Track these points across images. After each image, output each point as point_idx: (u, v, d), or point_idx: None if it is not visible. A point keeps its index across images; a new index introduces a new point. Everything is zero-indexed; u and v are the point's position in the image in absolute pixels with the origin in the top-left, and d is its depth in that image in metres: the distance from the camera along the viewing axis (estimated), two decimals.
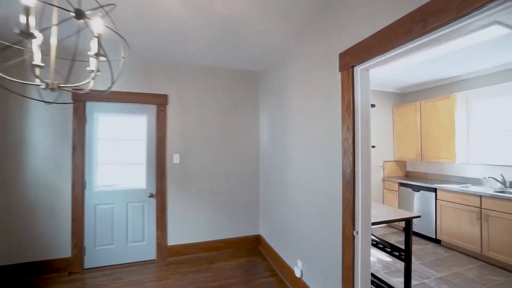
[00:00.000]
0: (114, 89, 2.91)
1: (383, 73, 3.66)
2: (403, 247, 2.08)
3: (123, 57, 1.24)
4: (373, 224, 1.82)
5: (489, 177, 3.41)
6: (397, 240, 3.73)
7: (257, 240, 3.50)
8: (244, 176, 3.50)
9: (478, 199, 3.08)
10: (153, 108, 3.11)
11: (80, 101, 2.77)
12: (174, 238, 3.13)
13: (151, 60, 3.07)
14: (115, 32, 1.13)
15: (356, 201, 1.62)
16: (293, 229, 2.48)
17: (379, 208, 2.28)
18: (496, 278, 2.72)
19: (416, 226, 3.82)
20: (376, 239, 2.23)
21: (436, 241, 3.61)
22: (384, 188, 4.44)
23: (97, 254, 2.82)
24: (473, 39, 2.44)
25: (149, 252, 3.03)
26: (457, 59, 3.10)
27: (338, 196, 1.76)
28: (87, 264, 2.78)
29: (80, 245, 2.73)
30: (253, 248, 3.44)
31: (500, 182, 3.30)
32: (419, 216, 2.02)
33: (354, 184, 1.61)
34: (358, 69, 1.63)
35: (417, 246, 3.52)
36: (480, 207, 3.06)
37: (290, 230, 2.53)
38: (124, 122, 3.03)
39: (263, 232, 3.40)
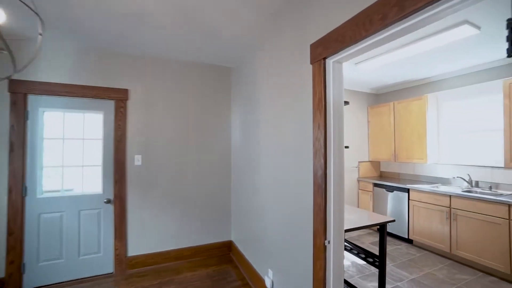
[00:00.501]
0: (63, 81, 2.57)
1: (358, 73, 3.61)
2: (377, 248, 1.97)
3: (40, 34, 0.98)
4: (347, 231, 1.69)
5: (457, 177, 3.47)
6: (372, 241, 3.71)
7: (228, 247, 3.29)
8: (215, 179, 3.27)
9: (448, 198, 3.11)
10: (111, 104, 2.78)
11: (19, 93, 2.38)
12: (136, 247, 2.83)
13: (108, 50, 2.74)
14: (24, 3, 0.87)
15: (328, 207, 1.46)
16: (264, 236, 2.30)
17: (353, 212, 2.17)
18: (463, 277, 2.74)
19: (390, 227, 3.82)
20: (350, 245, 2.11)
21: (409, 241, 3.63)
22: (359, 189, 4.42)
23: (41, 271, 2.45)
24: (444, 39, 2.41)
25: (106, 265, 2.70)
26: (428, 61, 3.10)
27: (309, 202, 1.60)
28: (27, 284, 2.39)
29: (18, 262, 2.34)
30: (224, 255, 3.22)
31: (467, 182, 3.37)
32: (393, 221, 1.92)
33: (326, 189, 1.46)
34: (330, 62, 1.47)
35: (390, 247, 3.51)
36: (450, 207, 3.10)
37: (261, 237, 2.35)
38: (77, 119, 2.67)
39: (235, 238, 3.19)
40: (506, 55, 2.81)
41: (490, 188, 3.17)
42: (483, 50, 2.77)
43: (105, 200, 2.69)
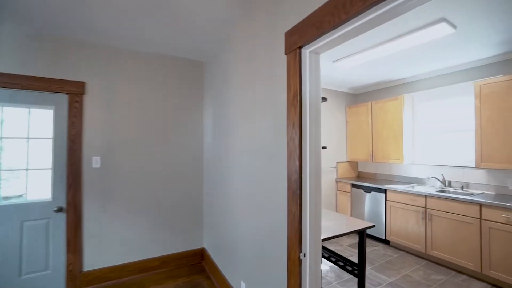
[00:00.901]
0: (6, 70, 2.19)
1: (336, 71, 3.53)
2: (356, 250, 1.85)
3: None
4: (324, 240, 1.54)
5: (432, 177, 3.51)
6: (350, 243, 3.65)
7: (200, 255, 3.05)
8: (186, 181, 3.01)
9: (424, 199, 3.11)
10: (63, 99, 2.44)
11: None
12: (93, 261, 2.51)
13: (62, 38, 2.39)
14: None
15: (303, 216, 1.30)
16: (236, 245, 2.10)
17: (331, 217, 2.04)
18: (438, 278, 2.73)
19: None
20: (327, 252, 1.98)
21: (386, 242, 3.61)
22: (337, 190, 4.37)
23: None
24: (421, 38, 2.37)
25: (56, 283, 2.36)
26: (405, 61, 3.08)
27: (283, 210, 1.43)
28: None
29: None
30: (196, 264, 2.98)
31: (440, 182, 3.41)
32: (373, 226, 1.81)
33: (301, 195, 1.29)
34: (306, 52, 1.31)
35: (368, 248, 3.46)
36: (425, 207, 3.10)
37: (234, 246, 2.15)
38: (20, 115, 2.30)
39: (207, 245, 2.96)
40: (478, 57, 2.88)
41: (462, 187, 3.22)
42: (457, 51, 2.79)
43: (56, 208, 2.35)
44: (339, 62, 3.03)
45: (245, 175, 1.92)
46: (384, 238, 3.56)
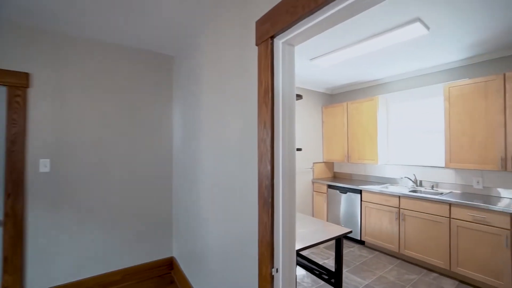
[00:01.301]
0: None
1: (313, 70, 3.46)
2: (332, 253, 1.75)
3: None
4: (299, 251, 1.41)
5: (404, 177, 3.57)
6: (326, 245, 3.60)
7: (169, 265, 2.81)
8: (153, 185, 2.76)
9: (397, 199, 3.14)
10: (1, 92, 2.09)
11: None
12: (40, 281, 2.18)
13: (3, 21, 2.04)
14: None
15: (275, 227, 1.16)
16: (206, 256, 1.92)
17: (306, 222, 1.93)
18: (411, 277, 2.75)
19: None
20: (303, 261, 1.86)
21: (361, 242, 3.62)
22: (313, 191, 4.33)
23: None
24: (395, 37, 2.35)
25: None
26: (380, 62, 3.09)
27: (253, 220, 1.28)
28: None
29: None
30: (164, 276, 2.73)
31: (412, 181, 3.48)
32: (350, 232, 1.73)
33: (273, 204, 1.15)
34: (279, 42, 1.17)
35: (344, 250, 3.44)
36: (399, 207, 3.13)
37: (203, 257, 1.97)
38: None
39: (177, 254, 2.73)
40: (448, 60, 2.97)
41: (432, 187, 3.30)
42: (430, 53, 2.83)
43: None
44: (316, 60, 2.95)
45: (214, 181, 1.74)
46: (359, 238, 3.56)
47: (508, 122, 2.54)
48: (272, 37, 1.16)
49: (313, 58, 2.95)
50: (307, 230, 1.72)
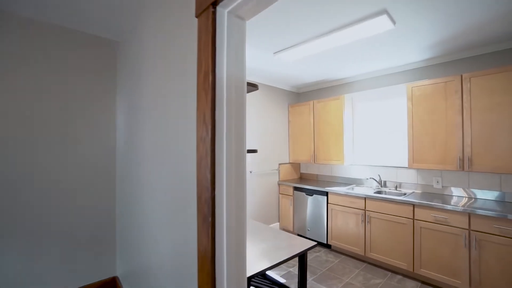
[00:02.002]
0: None
1: (278, 64, 3.26)
2: (295, 264, 1.53)
3: None
4: (252, 277, 1.15)
5: (370, 178, 3.53)
6: None
7: (112, 287, 2.39)
8: (92, 195, 2.32)
9: (363, 201, 3.07)
10: None
11: None
12: None
13: None
14: None
15: (218, 253, 0.88)
16: (149, 281, 1.58)
17: (267, 236, 1.68)
18: (377, 281, 2.68)
19: (310, 232, 3.64)
20: (260, 284, 1.62)
21: (328, 246, 3.50)
22: (279, 193, 4.14)
23: None
24: (363, 31, 2.23)
25: None
26: (346, 58, 2.99)
27: (192, 243, 0.99)
28: None
29: None
30: None
31: (377, 182, 3.46)
32: (316, 245, 1.52)
33: (214, 223, 0.87)
34: (224, 13, 0.90)
35: (310, 255, 3.29)
36: (365, 209, 3.05)
37: (146, 280, 1.62)
38: None
39: (121, 273, 2.32)
40: (412, 59, 2.98)
41: (396, 187, 3.30)
42: (395, 51, 2.78)
43: None
44: (280, 54, 2.75)
45: (157, 188, 1.42)
46: (325, 242, 3.44)
47: (465, 122, 2.57)
48: (214, 4, 0.89)
49: (276, 51, 2.74)
50: (266, 246, 1.47)
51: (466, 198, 2.72)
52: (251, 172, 3.72)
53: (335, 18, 2.07)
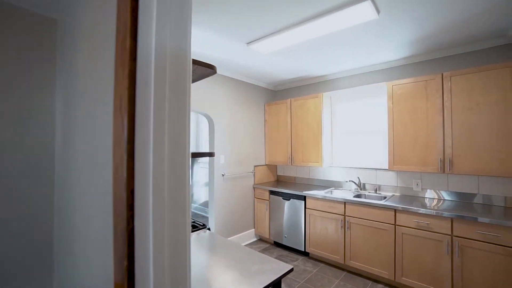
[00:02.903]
0: None
1: (251, 56, 2.98)
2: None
3: None
4: None
5: (349, 181, 3.36)
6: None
7: None
8: (23, 203, 1.86)
9: (343, 205, 2.88)
10: None
11: None
12: None
13: None
14: None
15: None
16: None
17: (235, 259, 1.38)
18: None
19: (287, 239, 3.39)
20: None
21: (305, 254, 3.28)
22: (254, 197, 3.86)
23: None
24: (344, 19, 2.02)
25: None
26: (325, 53, 2.79)
27: (109, 282, 0.67)
28: None
29: None
30: None
31: (356, 184, 3.30)
32: (291, 271, 1.25)
33: (134, 271, 0.56)
34: None
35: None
36: (344, 214, 2.87)
37: None
38: None
39: None
40: (393, 57, 2.84)
41: (376, 190, 3.16)
42: (375, 48, 2.63)
43: None
44: (254, 44, 2.47)
45: (79, 204, 1.06)
46: (303, 250, 3.22)
47: (446, 123, 2.47)
48: None
49: (250, 42, 2.46)
50: (232, 275, 1.17)
51: (446, 201, 2.63)
52: (223, 175, 3.40)
53: (315, 4, 1.84)
